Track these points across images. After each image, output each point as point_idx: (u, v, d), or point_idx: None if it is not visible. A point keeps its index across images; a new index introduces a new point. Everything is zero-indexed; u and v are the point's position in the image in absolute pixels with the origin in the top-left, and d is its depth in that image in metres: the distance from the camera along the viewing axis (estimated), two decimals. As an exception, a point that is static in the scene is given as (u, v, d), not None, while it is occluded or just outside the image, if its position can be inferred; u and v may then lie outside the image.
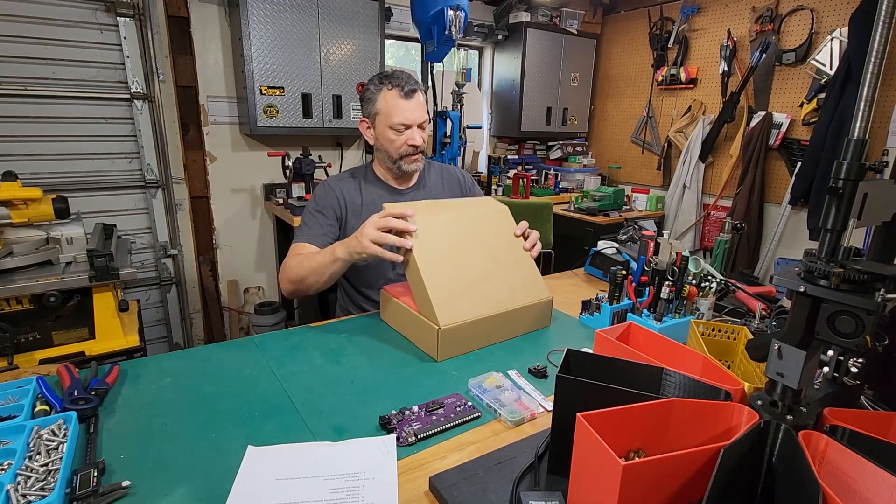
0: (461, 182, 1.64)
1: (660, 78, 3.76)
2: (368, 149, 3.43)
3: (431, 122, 3.39)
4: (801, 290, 0.57)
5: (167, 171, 2.73)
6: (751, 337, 0.93)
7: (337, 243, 1.24)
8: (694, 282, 1.20)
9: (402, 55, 3.89)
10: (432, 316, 1.06)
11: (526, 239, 1.29)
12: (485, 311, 1.12)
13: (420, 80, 3.68)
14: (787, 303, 1.26)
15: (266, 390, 0.95)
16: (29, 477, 0.67)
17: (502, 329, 1.17)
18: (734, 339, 0.98)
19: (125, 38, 2.49)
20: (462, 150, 3.41)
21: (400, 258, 1.12)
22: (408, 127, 1.38)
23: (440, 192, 1.59)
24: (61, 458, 0.70)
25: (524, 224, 1.30)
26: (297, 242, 1.40)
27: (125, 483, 0.68)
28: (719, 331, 0.99)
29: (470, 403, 0.90)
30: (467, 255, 1.18)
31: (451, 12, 2.65)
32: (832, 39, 2.82)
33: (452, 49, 3.03)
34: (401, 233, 1.13)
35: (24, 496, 0.64)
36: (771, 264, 3.26)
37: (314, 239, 1.39)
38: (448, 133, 3.22)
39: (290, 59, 2.74)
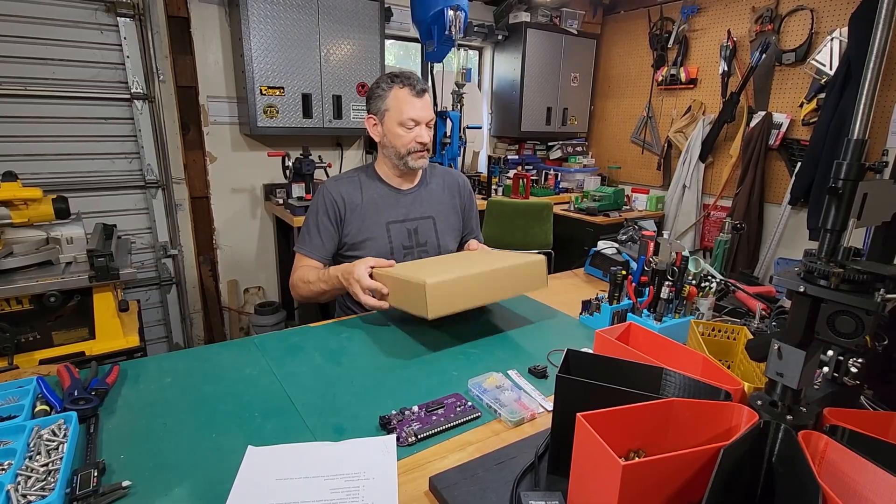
0: (460, 188, 1.65)
1: (660, 78, 3.76)
2: (368, 149, 3.43)
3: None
4: (801, 290, 0.57)
5: (167, 171, 2.73)
6: (751, 337, 0.93)
7: (338, 271, 1.30)
8: (694, 282, 1.20)
9: (402, 55, 3.89)
10: (419, 281, 1.05)
11: None
12: (473, 270, 1.11)
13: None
14: (787, 303, 1.26)
15: (266, 390, 0.95)
16: (29, 477, 0.67)
17: (494, 287, 1.14)
18: (734, 339, 0.98)
19: (125, 38, 2.49)
20: (462, 150, 3.41)
21: (384, 306, 1.20)
22: (417, 124, 1.42)
23: (440, 195, 1.59)
24: (61, 458, 0.70)
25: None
26: (299, 253, 1.48)
27: (125, 483, 0.68)
28: (719, 331, 0.99)
29: (470, 403, 0.90)
30: (447, 261, 1.28)
31: (451, 12, 2.65)
32: (832, 39, 2.82)
33: (452, 49, 3.03)
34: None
35: (24, 496, 0.64)
36: (771, 264, 3.26)
37: (314, 251, 1.46)
38: (448, 133, 3.22)
39: (290, 59, 2.74)
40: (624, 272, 1.26)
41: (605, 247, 1.72)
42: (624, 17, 4.04)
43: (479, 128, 3.99)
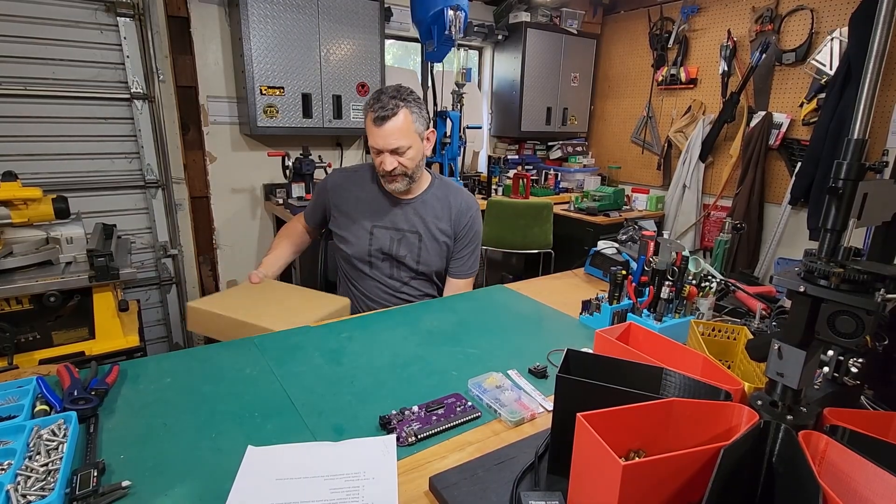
0: (461, 212, 1.58)
1: (660, 78, 3.76)
2: (368, 149, 3.44)
3: (431, 122, 3.39)
4: (801, 290, 0.57)
5: (167, 171, 2.72)
6: (751, 337, 0.93)
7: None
8: (694, 282, 1.20)
9: (402, 55, 3.89)
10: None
11: None
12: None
13: (419, 83, 3.66)
14: (787, 303, 1.26)
15: (266, 390, 0.95)
16: (29, 477, 0.67)
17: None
18: (734, 339, 0.98)
19: (125, 38, 2.49)
20: (462, 150, 3.41)
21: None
22: (380, 152, 1.42)
23: (435, 212, 1.56)
24: (61, 458, 0.70)
25: None
26: (301, 213, 1.72)
27: (125, 483, 0.68)
28: (719, 331, 0.99)
29: (470, 403, 0.90)
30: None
31: (451, 12, 2.64)
32: (832, 39, 2.82)
33: (452, 49, 3.03)
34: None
35: (24, 496, 0.64)
36: (771, 264, 3.26)
37: (307, 216, 1.71)
38: (448, 133, 3.22)
39: (290, 59, 2.74)
40: (624, 272, 1.26)
41: (605, 247, 1.72)
42: (624, 16, 4.04)
43: (479, 128, 3.99)
